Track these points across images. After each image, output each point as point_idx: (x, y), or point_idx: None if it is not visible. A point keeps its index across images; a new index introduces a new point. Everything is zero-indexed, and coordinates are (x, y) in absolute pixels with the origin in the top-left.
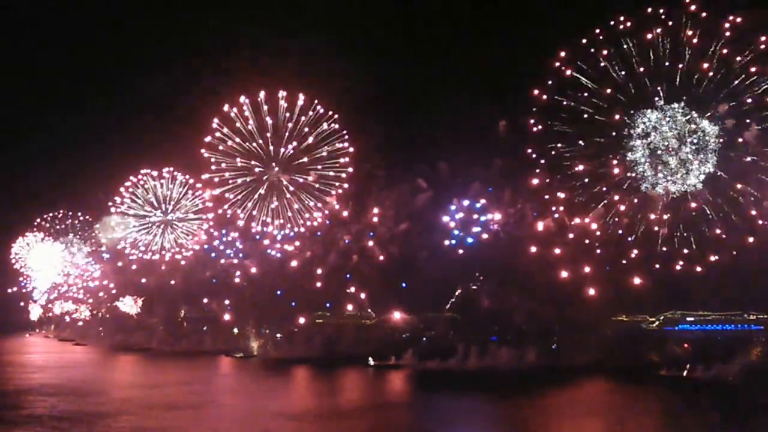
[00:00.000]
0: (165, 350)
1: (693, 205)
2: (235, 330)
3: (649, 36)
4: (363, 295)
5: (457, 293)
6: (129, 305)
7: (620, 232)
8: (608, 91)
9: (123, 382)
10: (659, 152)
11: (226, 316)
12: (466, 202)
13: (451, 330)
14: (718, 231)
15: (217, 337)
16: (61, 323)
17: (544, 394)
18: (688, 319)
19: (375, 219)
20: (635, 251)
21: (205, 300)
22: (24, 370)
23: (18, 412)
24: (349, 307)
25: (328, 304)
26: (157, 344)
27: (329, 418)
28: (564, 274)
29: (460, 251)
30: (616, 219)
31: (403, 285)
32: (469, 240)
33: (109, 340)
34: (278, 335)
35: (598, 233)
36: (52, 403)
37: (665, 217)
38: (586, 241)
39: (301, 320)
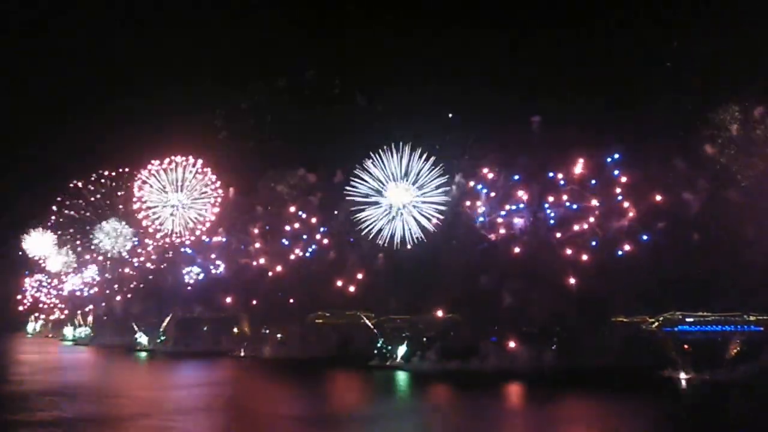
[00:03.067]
0: (178, 351)
1: None
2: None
3: None
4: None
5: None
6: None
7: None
8: None
9: (137, 384)
10: None
11: (240, 317)
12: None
13: (451, 331)
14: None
15: (230, 337)
16: (68, 323)
17: (545, 397)
18: (688, 320)
19: None
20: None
21: (220, 299)
22: (31, 371)
23: (29, 414)
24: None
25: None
26: (169, 345)
27: (355, 423)
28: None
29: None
30: None
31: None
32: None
33: (119, 340)
34: (288, 336)
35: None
36: (64, 406)
37: None
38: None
39: (310, 321)
